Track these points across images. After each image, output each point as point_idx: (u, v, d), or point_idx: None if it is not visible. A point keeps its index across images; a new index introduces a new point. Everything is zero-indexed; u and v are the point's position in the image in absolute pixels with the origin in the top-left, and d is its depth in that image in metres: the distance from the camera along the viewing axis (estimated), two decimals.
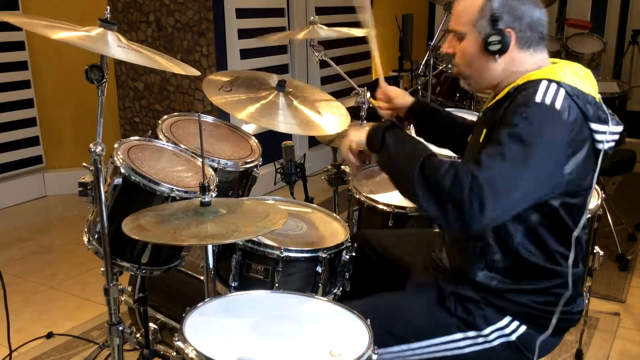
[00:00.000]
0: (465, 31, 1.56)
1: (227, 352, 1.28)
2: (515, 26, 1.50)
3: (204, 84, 2.09)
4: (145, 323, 1.97)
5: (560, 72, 1.48)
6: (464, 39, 1.57)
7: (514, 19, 1.50)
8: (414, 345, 1.58)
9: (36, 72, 4.41)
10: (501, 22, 1.50)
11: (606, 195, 3.54)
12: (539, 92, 1.43)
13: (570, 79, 1.47)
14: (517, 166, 1.34)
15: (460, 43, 1.58)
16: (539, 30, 1.53)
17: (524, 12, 1.50)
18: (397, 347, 1.59)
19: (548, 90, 1.43)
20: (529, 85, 1.48)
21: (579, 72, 1.52)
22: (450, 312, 1.58)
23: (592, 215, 2.11)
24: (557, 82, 1.46)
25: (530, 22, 1.51)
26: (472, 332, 1.56)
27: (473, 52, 1.56)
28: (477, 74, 1.60)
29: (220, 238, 1.43)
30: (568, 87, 1.45)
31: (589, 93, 1.48)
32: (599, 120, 1.47)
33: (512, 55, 1.53)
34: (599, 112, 1.48)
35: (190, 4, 4.19)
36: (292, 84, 2.23)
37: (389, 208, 2.10)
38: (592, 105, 1.47)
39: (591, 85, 1.52)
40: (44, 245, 3.79)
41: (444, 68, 4.12)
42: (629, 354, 2.65)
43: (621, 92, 4.03)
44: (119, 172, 1.73)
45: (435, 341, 1.57)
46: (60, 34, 1.51)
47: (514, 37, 1.51)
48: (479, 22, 1.52)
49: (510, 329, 1.55)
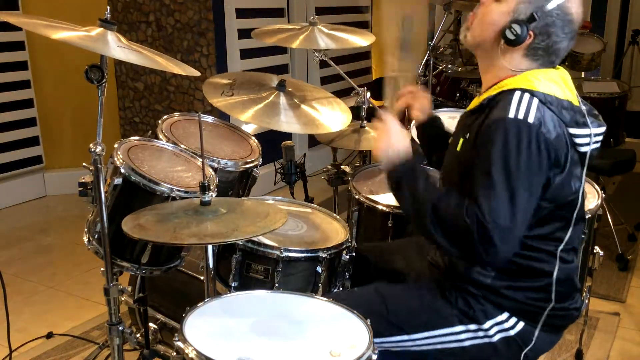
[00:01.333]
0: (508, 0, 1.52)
1: (227, 352, 1.28)
2: (539, 37, 1.49)
3: (204, 87, 2.09)
4: (145, 323, 1.97)
5: (534, 80, 1.48)
6: (501, 2, 1.52)
7: (543, 31, 1.48)
8: (415, 336, 1.58)
9: (36, 72, 4.41)
10: (534, 23, 1.47)
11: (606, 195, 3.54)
12: (512, 106, 1.43)
13: (543, 86, 1.47)
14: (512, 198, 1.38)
15: (495, 3, 1.53)
16: (552, 59, 1.52)
17: (556, 34, 1.48)
18: (398, 336, 1.59)
19: (521, 103, 1.43)
20: (502, 97, 1.47)
21: (554, 77, 1.51)
22: (452, 304, 1.58)
23: (592, 215, 2.11)
24: (530, 90, 1.45)
25: (551, 46, 1.49)
26: (473, 326, 1.56)
27: (494, 20, 1.52)
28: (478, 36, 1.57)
29: (220, 237, 1.43)
30: (541, 95, 1.45)
31: (564, 98, 1.48)
32: (576, 124, 1.48)
33: (515, 55, 1.52)
34: (576, 117, 1.48)
35: (190, 4, 4.18)
36: (292, 83, 2.23)
37: (389, 208, 2.10)
38: (569, 110, 1.47)
39: (568, 89, 1.51)
40: (44, 245, 3.79)
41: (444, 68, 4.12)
42: (629, 354, 2.65)
43: (621, 92, 4.03)
44: (119, 172, 1.73)
45: (436, 332, 1.58)
46: (60, 34, 1.51)
47: (529, 41, 1.49)
48: (523, 4, 1.48)
49: (509, 324, 1.55)
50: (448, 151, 1.70)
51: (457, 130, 1.68)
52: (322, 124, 2.08)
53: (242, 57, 4.37)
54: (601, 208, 2.21)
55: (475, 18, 1.58)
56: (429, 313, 1.60)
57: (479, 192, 1.39)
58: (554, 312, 1.55)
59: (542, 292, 1.53)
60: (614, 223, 3.55)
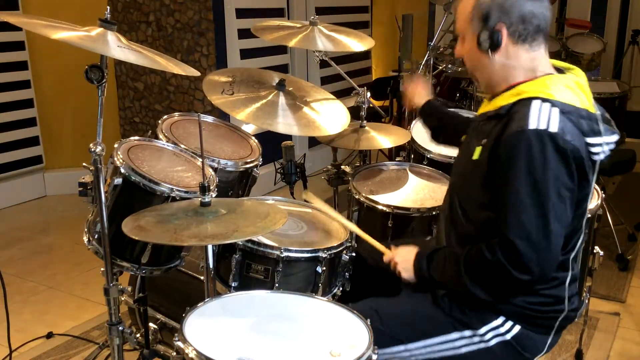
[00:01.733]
0: (464, 32, 1.57)
1: (227, 352, 1.28)
2: (506, 21, 1.49)
3: (204, 84, 2.09)
4: (145, 323, 1.97)
5: (552, 87, 1.47)
6: (465, 40, 1.58)
7: (502, 14, 1.49)
8: (411, 345, 1.58)
9: (36, 72, 4.41)
10: (491, 19, 1.49)
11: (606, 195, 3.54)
12: (531, 116, 1.42)
13: (562, 95, 1.46)
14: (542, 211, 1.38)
15: (464, 45, 1.59)
16: (533, 23, 1.50)
17: (512, 5, 1.49)
18: (395, 347, 1.59)
19: (541, 113, 1.43)
20: (521, 107, 1.46)
21: (570, 84, 1.50)
22: (445, 311, 1.58)
23: (592, 215, 2.11)
24: (550, 100, 1.44)
25: (521, 15, 1.49)
26: (468, 332, 1.56)
27: (473, 52, 1.56)
28: (479, 72, 1.60)
29: (220, 238, 1.43)
30: (560, 104, 1.44)
31: (582, 106, 1.48)
32: (593, 133, 1.47)
33: (508, 51, 1.52)
34: (592, 125, 1.48)
35: (190, 4, 4.18)
36: (292, 82, 2.22)
37: (389, 208, 2.10)
38: (586, 119, 1.47)
39: (585, 95, 1.51)
40: (44, 245, 3.79)
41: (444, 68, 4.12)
42: (629, 354, 2.65)
43: (621, 92, 4.03)
44: (119, 172, 1.72)
45: (432, 341, 1.58)
46: (60, 34, 1.51)
47: (505, 32, 1.50)
48: (473, 21, 1.53)
49: (505, 329, 1.55)
50: (460, 153, 1.70)
51: (471, 134, 1.66)
52: (320, 127, 2.07)
53: (242, 57, 4.37)
54: (601, 208, 2.21)
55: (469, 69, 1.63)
56: (423, 322, 1.60)
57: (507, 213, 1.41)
58: (551, 315, 1.55)
59: (540, 296, 1.53)
60: (614, 223, 3.55)
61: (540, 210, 1.38)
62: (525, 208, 1.38)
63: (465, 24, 1.55)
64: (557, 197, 1.39)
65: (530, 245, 1.38)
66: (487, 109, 1.61)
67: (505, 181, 1.42)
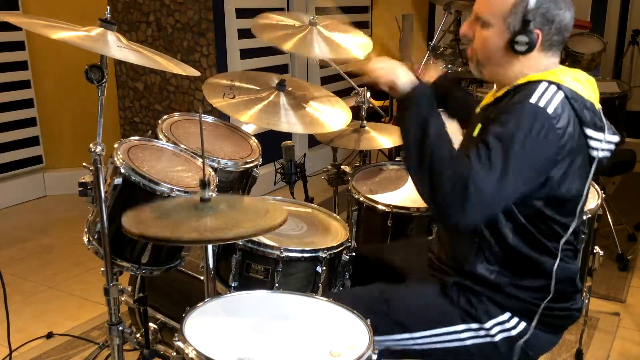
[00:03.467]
0: (494, 22, 1.51)
1: (227, 352, 1.28)
2: (545, 29, 1.48)
3: (204, 88, 2.09)
4: (145, 323, 1.97)
5: (561, 76, 1.48)
6: (489, 27, 1.52)
7: (545, 22, 1.47)
8: (416, 334, 1.58)
9: (36, 72, 4.41)
10: (533, 23, 1.46)
11: (606, 195, 3.54)
12: (536, 92, 1.43)
13: (570, 83, 1.47)
14: (503, 176, 1.36)
15: (483, 30, 1.53)
16: (564, 35, 1.51)
17: (556, 15, 1.47)
18: (399, 335, 1.59)
19: (545, 92, 1.43)
20: (528, 86, 1.47)
21: (580, 78, 1.51)
22: (453, 302, 1.58)
23: (592, 215, 2.11)
24: (557, 84, 1.45)
25: (559, 26, 1.49)
26: (474, 325, 1.56)
27: (496, 45, 1.52)
28: (493, 66, 1.57)
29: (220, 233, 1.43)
30: (567, 90, 1.45)
31: (588, 99, 1.48)
32: (594, 126, 1.47)
33: (533, 55, 1.51)
34: (595, 119, 1.48)
35: (190, 4, 4.18)
36: (292, 82, 2.22)
37: (388, 208, 2.10)
38: (590, 111, 1.47)
39: (592, 92, 1.51)
40: (44, 245, 3.79)
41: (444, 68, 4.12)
42: (629, 354, 2.65)
43: (621, 92, 4.02)
44: (119, 172, 1.72)
45: (438, 331, 1.57)
46: (60, 34, 1.51)
47: (541, 39, 1.49)
48: (510, 18, 1.48)
49: (511, 324, 1.55)
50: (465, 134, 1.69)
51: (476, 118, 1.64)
52: (322, 124, 2.08)
53: (242, 57, 4.37)
54: (601, 208, 2.21)
55: (476, 53, 1.57)
56: (430, 311, 1.59)
57: (476, 155, 1.38)
58: (556, 313, 1.55)
59: (545, 292, 1.53)
60: (614, 223, 3.55)
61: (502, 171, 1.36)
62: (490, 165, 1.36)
63: (499, 15, 1.49)
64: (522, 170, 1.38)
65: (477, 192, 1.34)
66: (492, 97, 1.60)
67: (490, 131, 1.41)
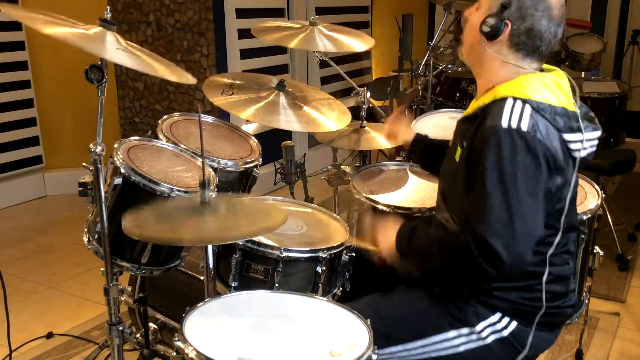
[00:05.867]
0: (483, 2, 1.57)
1: (227, 352, 1.28)
2: (516, 23, 1.50)
3: (204, 87, 2.08)
4: (145, 323, 1.97)
5: (527, 86, 1.48)
6: (480, 8, 1.58)
7: (518, 16, 1.50)
8: (409, 345, 1.59)
9: (36, 72, 4.41)
10: (507, 11, 1.50)
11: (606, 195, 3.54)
12: (504, 114, 1.44)
13: (537, 93, 1.47)
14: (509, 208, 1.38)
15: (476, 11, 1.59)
16: (535, 42, 1.51)
17: (530, 15, 1.49)
18: (393, 347, 1.59)
19: (513, 111, 1.44)
20: (496, 106, 1.48)
21: (547, 82, 1.51)
22: (443, 310, 1.58)
23: (592, 215, 2.10)
24: (522, 99, 1.46)
25: (530, 28, 1.50)
26: (465, 329, 1.56)
27: (474, 24, 1.57)
28: (467, 46, 1.62)
29: (220, 236, 1.43)
30: (534, 102, 1.46)
31: (558, 104, 1.48)
32: (571, 130, 1.48)
33: (502, 48, 1.53)
34: (570, 122, 1.49)
35: (190, 4, 4.18)
36: (292, 83, 2.23)
37: (389, 208, 2.10)
38: (562, 117, 1.48)
39: (562, 94, 1.51)
40: (44, 245, 3.79)
41: (444, 68, 4.12)
42: (629, 354, 2.65)
43: (621, 92, 4.03)
44: (119, 172, 1.72)
45: (430, 340, 1.58)
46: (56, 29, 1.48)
47: (508, 30, 1.51)
48: (493, 1, 1.53)
49: (501, 325, 1.55)
50: (447, 157, 1.71)
51: (455, 136, 1.69)
52: (321, 124, 2.08)
53: (242, 57, 4.37)
54: (601, 208, 2.21)
55: (463, 32, 1.64)
56: (420, 321, 1.60)
57: (475, 208, 1.41)
58: (548, 311, 1.55)
59: (536, 292, 1.53)
60: (614, 223, 3.55)
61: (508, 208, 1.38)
62: (493, 205, 1.39)
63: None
64: (526, 195, 1.40)
65: (500, 242, 1.37)
66: (467, 112, 1.63)
67: (478, 177, 1.43)
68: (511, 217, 1.38)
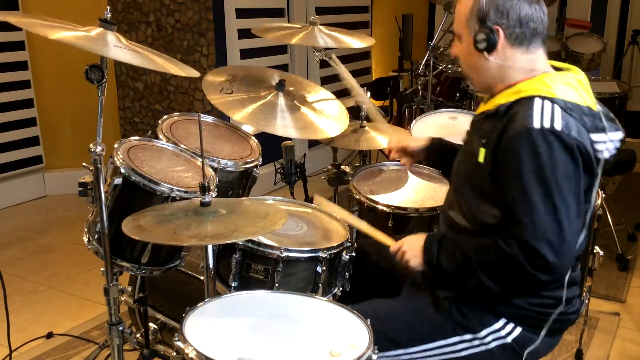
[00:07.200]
0: (461, 32, 1.57)
1: (227, 352, 1.28)
2: (503, 22, 1.50)
3: (203, 83, 2.09)
4: (145, 323, 1.97)
5: (552, 85, 1.47)
6: (461, 39, 1.59)
7: (500, 16, 1.50)
8: (411, 349, 1.58)
9: (36, 72, 4.41)
10: (488, 20, 1.50)
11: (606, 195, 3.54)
12: (535, 115, 1.42)
13: (563, 92, 1.46)
14: (555, 210, 1.37)
15: (459, 44, 1.60)
16: (530, 26, 1.51)
17: (510, 7, 1.49)
18: (394, 351, 1.59)
19: (544, 111, 1.42)
20: (522, 106, 1.46)
21: (572, 81, 1.50)
22: (446, 315, 1.58)
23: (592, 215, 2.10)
24: (550, 98, 1.44)
25: (518, 18, 1.50)
26: (468, 335, 1.56)
27: (468, 52, 1.57)
28: (474, 73, 1.61)
29: (220, 238, 1.43)
30: (561, 102, 1.44)
31: (584, 104, 1.47)
32: (597, 129, 1.47)
33: (505, 53, 1.52)
34: (596, 122, 1.47)
35: (190, 4, 4.18)
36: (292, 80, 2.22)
37: (389, 208, 2.10)
38: (589, 116, 1.46)
39: (586, 93, 1.50)
40: (44, 245, 3.79)
41: (444, 68, 4.12)
42: (629, 354, 2.65)
43: (621, 92, 4.03)
44: (119, 172, 1.72)
45: (432, 345, 1.57)
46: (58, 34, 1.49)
47: (502, 33, 1.50)
48: (469, 22, 1.54)
49: (505, 331, 1.54)
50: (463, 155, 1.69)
51: (472, 134, 1.65)
52: (318, 129, 2.07)
53: (242, 57, 4.37)
54: (601, 208, 2.21)
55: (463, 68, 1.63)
56: (423, 325, 1.59)
57: (519, 215, 1.39)
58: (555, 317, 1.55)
59: (544, 297, 1.53)
60: (614, 223, 3.55)
61: (553, 211, 1.37)
62: (538, 209, 1.37)
63: (463, 23, 1.56)
64: (570, 195, 1.39)
65: (548, 246, 1.36)
66: (485, 108, 1.61)
67: (515, 182, 1.41)
68: (558, 220, 1.37)
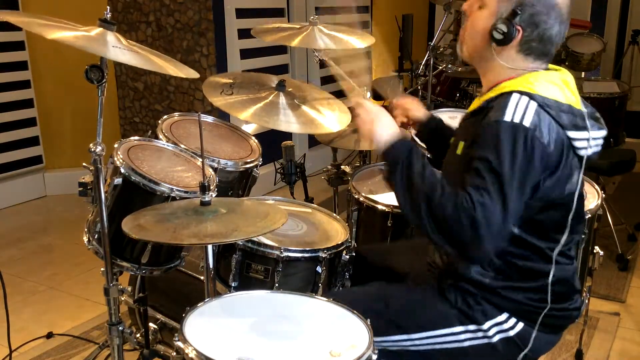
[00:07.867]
0: (489, 3, 1.52)
1: (227, 352, 1.28)
2: (528, 29, 1.48)
3: (204, 87, 2.09)
4: (145, 323, 1.97)
5: (534, 82, 1.47)
6: (484, 8, 1.53)
7: (530, 23, 1.48)
8: (414, 335, 1.58)
9: (36, 72, 4.41)
10: (518, 17, 1.47)
11: (606, 195, 3.54)
12: (508, 108, 1.42)
13: (543, 89, 1.46)
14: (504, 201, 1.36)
15: (479, 10, 1.55)
16: (547, 48, 1.51)
17: (543, 22, 1.47)
18: (397, 336, 1.59)
19: (518, 106, 1.42)
20: (500, 100, 1.47)
21: (555, 80, 1.50)
22: (451, 304, 1.58)
23: (592, 215, 2.11)
24: (528, 93, 1.44)
25: (542, 35, 1.49)
26: (472, 326, 1.56)
27: (482, 26, 1.53)
28: (471, 46, 1.58)
29: (220, 238, 1.43)
30: (539, 97, 1.44)
31: (565, 101, 1.47)
32: (576, 127, 1.47)
33: (510, 53, 1.52)
34: (576, 120, 1.47)
35: (190, 4, 4.18)
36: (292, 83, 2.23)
37: (389, 208, 2.10)
38: (568, 114, 1.46)
39: (570, 92, 1.50)
40: (44, 245, 3.79)
41: (444, 68, 4.12)
42: (629, 354, 2.65)
43: (621, 92, 4.03)
44: (119, 172, 1.72)
45: (436, 333, 1.57)
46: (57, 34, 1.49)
47: (520, 36, 1.49)
48: (503, 3, 1.49)
49: (508, 325, 1.55)
50: (449, 151, 1.70)
51: (458, 132, 1.67)
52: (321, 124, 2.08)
53: (242, 57, 4.37)
54: (601, 208, 2.21)
55: (465, 31, 1.59)
56: (428, 313, 1.59)
57: (474, 191, 1.38)
58: (554, 313, 1.55)
59: (542, 293, 1.53)
60: (614, 223, 3.55)
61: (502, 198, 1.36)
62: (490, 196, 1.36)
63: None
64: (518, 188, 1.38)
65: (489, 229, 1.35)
66: (471, 108, 1.61)
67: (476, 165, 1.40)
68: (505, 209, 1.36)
